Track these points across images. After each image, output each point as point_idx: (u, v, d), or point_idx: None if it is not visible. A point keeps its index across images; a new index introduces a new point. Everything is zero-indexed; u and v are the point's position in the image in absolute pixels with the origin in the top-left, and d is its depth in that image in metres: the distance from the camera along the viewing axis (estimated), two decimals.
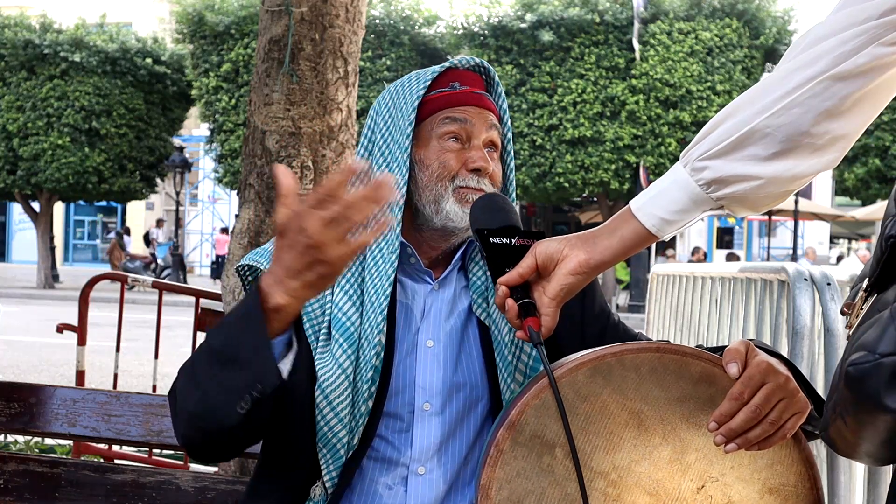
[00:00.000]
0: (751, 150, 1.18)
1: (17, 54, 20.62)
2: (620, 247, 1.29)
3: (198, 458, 1.45)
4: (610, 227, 1.32)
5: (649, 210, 1.28)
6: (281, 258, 1.26)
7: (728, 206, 1.25)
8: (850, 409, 0.93)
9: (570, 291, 1.32)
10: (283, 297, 1.27)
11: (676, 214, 1.26)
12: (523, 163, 18.85)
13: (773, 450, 1.28)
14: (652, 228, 1.28)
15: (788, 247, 26.08)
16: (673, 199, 1.26)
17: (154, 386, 4.59)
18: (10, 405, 2.01)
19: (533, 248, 1.34)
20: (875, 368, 0.88)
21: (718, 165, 1.20)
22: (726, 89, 18.24)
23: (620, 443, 1.27)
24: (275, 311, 1.27)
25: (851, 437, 0.95)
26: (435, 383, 1.51)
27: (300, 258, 1.23)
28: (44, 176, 20.65)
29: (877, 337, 0.90)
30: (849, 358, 0.92)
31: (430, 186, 1.51)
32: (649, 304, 5.52)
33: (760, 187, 1.20)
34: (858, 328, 0.98)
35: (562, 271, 1.30)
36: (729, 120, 1.20)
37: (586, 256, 1.29)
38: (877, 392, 0.88)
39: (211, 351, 1.33)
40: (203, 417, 1.32)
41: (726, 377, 1.25)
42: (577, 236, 1.33)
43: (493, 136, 1.56)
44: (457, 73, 1.57)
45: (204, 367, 1.33)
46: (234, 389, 1.28)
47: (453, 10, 20.02)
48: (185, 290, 4.54)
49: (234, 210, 28.02)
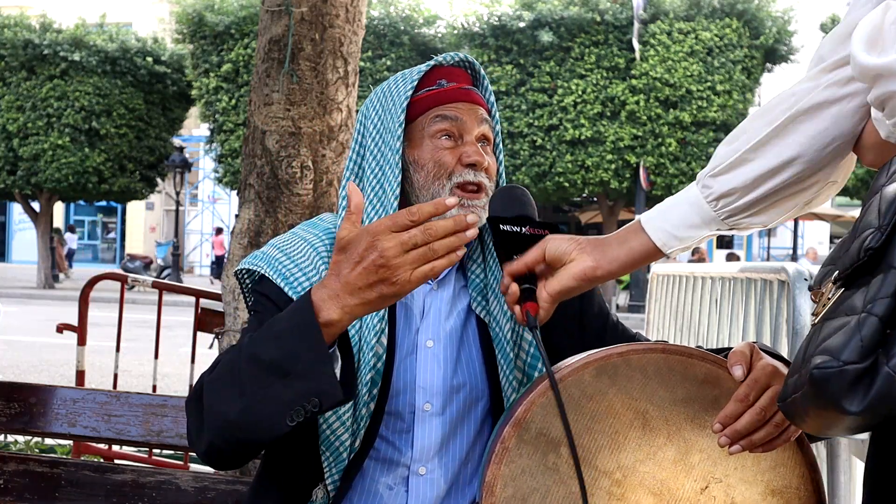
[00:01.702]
0: (754, 163, 1.23)
1: (17, 54, 20.62)
2: (628, 259, 1.31)
3: (218, 465, 1.40)
4: (620, 237, 1.33)
5: (658, 224, 1.30)
6: (340, 272, 1.24)
7: (738, 223, 1.28)
8: (812, 404, 0.99)
9: (569, 293, 1.34)
10: (337, 313, 1.25)
11: (685, 230, 1.29)
12: (523, 163, 18.86)
13: (777, 452, 1.29)
14: (658, 242, 1.30)
15: (788, 247, 26.10)
16: (683, 214, 1.29)
17: (154, 386, 4.59)
18: (10, 405, 2.01)
19: (544, 240, 1.35)
20: (838, 374, 0.94)
21: (725, 180, 1.24)
22: (726, 89, 18.25)
23: (625, 442, 1.27)
24: (326, 326, 1.25)
25: (812, 422, 1.03)
26: (435, 383, 1.51)
27: (366, 276, 1.22)
28: (44, 176, 20.65)
29: (842, 344, 0.95)
30: (814, 359, 0.98)
31: (428, 186, 1.51)
32: (649, 304, 5.52)
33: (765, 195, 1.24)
34: (824, 322, 1.02)
35: (566, 273, 1.32)
36: (736, 139, 1.25)
37: (594, 264, 1.31)
38: (838, 396, 0.94)
39: (259, 361, 1.28)
40: (245, 428, 1.28)
41: (731, 379, 1.26)
42: (589, 241, 1.34)
43: (485, 130, 1.55)
44: (443, 70, 1.57)
45: (251, 377, 1.28)
46: (287, 402, 1.25)
47: (453, 10, 20.04)
48: (185, 290, 4.53)
49: (234, 210, 28.04)
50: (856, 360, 0.93)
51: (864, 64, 0.96)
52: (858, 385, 0.93)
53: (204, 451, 1.36)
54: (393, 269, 1.21)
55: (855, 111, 1.16)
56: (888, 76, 0.93)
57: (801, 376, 1.01)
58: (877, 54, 0.95)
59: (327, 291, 1.26)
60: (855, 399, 0.93)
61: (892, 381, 0.91)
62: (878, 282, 0.96)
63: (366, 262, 1.22)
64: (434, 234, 1.21)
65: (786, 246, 27.96)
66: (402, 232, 1.21)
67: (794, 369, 1.05)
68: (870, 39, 0.96)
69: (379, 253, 1.21)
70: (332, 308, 1.25)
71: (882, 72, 0.94)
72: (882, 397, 0.92)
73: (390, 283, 1.22)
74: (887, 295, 0.94)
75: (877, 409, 0.93)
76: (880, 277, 0.96)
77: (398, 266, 1.21)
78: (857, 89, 1.14)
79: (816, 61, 1.19)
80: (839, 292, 1.04)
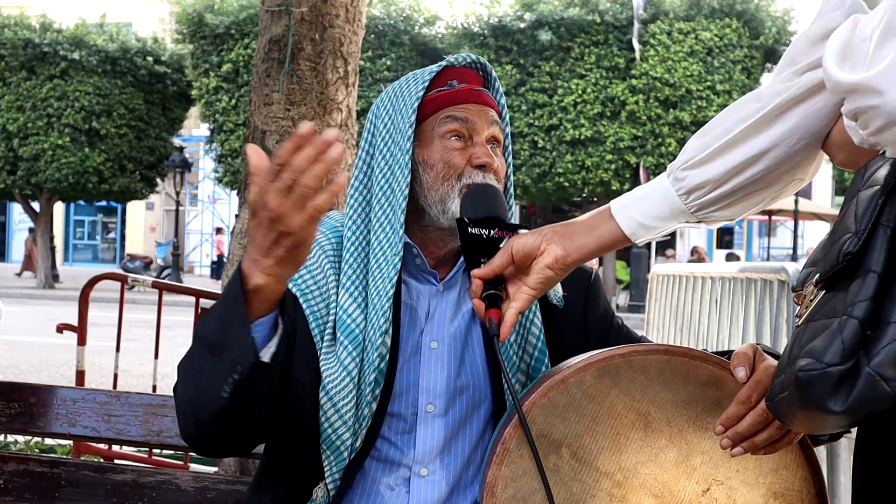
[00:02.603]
0: (726, 158, 1.26)
1: (17, 54, 20.61)
2: (596, 246, 1.35)
3: (199, 450, 1.46)
4: (588, 224, 1.36)
5: (628, 213, 1.33)
6: (254, 238, 1.27)
7: (706, 217, 1.30)
8: (797, 405, 1.03)
9: (549, 283, 1.36)
10: (261, 277, 1.28)
11: (654, 221, 1.32)
12: (523, 163, 18.85)
13: (779, 454, 1.28)
14: (627, 231, 1.33)
15: (788, 247, 26.09)
16: (653, 205, 1.31)
17: (154, 386, 4.59)
18: (10, 405, 2.00)
19: (509, 242, 1.36)
20: (821, 376, 0.97)
21: (695, 174, 1.27)
22: (726, 89, 18.25)
23: (627, 444, 1.27)
24: (255, 292, 1.29)
25: (799, 422, 1.07)
26: (438, 385, 1.50)
27: (267, 234, 1.24)
28: (44, 176, 20.65)
29: (824, 346, 0.99)
30: (798, 361, 1.01)
31: (436, 187, 1.51)
32: (649, 304, 5.52)
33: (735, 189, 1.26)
34: (808, 324, 1.06)
35: (539, 265, 1.34)
36: (708, 133, 1.28)
37: (563, 253, 1.34)
38: (822, 397, 0.98)
39: (199, 338, 1.36)
40: (193, 405, 1.35)
41: (733, 381, 1.26)
42: (554, 230, 1.36)
43: (495, 132, 1.55)
44: (454, 70, 1.57)
45: (194, 356, 1.36)
46: (220, 374, 1.30)
47: (453, 10, 20.04)
48: (185, 290, 4.53)
49: (234, 210, 28.04)
50: (838, 362, 0.97)
51: (836, 80, 0.99)
52: (841, 386, 0.97)
53: (185, 438, 1.42)
54: (282, 220, 1.21)
55: (825, 111, 1.19)
56: (860, 92, 0.96)
57: (787, 377, 1.04)
58: (849, 70, 0.97)
59: (249, 258, 1.29)
60: (839, 399, 0.97)
61: (874, 381, 0.95)
62: (857, 285, 1.00)
63: (263, 221, 1.23)
64: (298, 169, 1.19)
65: (786, 246, 27.95)
66: (277, 180, 1.20)
67: (779, 370, 1.08)
68: (841, 54, 0.99)
69: (267, 208, 1.21)
70: (255, 273, 1.28)
71: (854, 88, 0.97)
72: (864, 397, 0.95)
73: (286, 233, 1.23)
74: (866, 298, 0.98)
75: (859, 408, 0.96)
76: (859, 281, 1.00)
77: (284, 214, 1.21)
78: (827, 92, 1.16)
79: (789, 62, 1.23)
80: (821, 294, 1.08)
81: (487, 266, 1.36)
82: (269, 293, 1.30)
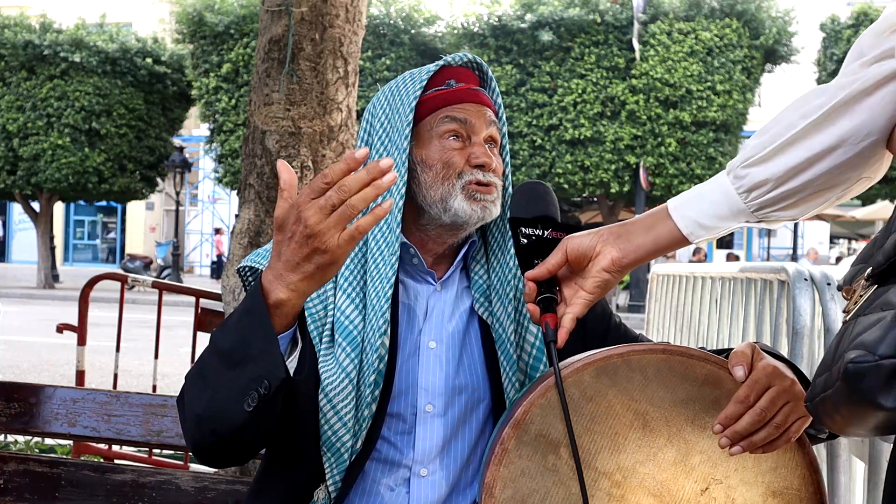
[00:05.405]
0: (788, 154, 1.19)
1: (17, 54, 20.60)
2: (654, 247, 1.29)
3: (209, 462, 1.42)
4: (645, 224, 1.30)
5: (685, 212, 1.27)
6: (280, 252, 1.25)
7: (767, 216, 1.24)
8: (844, 401, 0.98)
9: (606, 287, 1.31)
10: (284, 292, 1.26)
11: (713, 220, 1.26)
12: (523, 163, 18.84)
13: (778, 453, 1.28)
14: (685, 230, 1.27)
15: (788, 247, 26.09)
16: (712, 204, 1.25)
17: (154, 386, 4.58)
18: (10, 405, 2.01)
19: (563, 242, 1.32)
20: (874, 369, 0.93)
21: (756, 171, 1.21)
22: (726, 89, 18.25)
23: (625, 443, 1.27)
24: (276, 307, 1.27)
25: (842, 421, 1.02)
26: (437, 385, 1.50)
27: (299, 249, 1.23)
28: (44, 176, 20.64)
29: (878, 338, 0.94)
30: (847, 354, 0.96)
31: (436, 186, 1.50)
32: (649, 304, 5.52)
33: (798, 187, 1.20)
34: (857, 319, 1.01)
35: (595, 268, 1.29)
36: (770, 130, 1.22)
37: (620, 254, 1.29)
38: (873, 391, 0.93)
39: (218, 351, 1.32)
40: (211, 419, 1.31)
41: (732, 380, 1.26)
42: (610, 231, 1.31)
43: (493, 132, 1.55)
44: (451, 70, 1.56)
45: (212, 368, 1.32)
46: (242, 387, 1.27)
47: (453, 10, 20.03)
48: (185, 290, 4.53)
49: (234, 210, 28.04)
50: (892, 355, 0.92)
51: None
52: (894, 380, 0.92)
53: (192, 448, 1.38)
54: (319, 237, 1.21)
55: (892, 106, 1.13)
56: None
57: (833, 373, 0.99)
58: None
59: (273, 273, 1.27)
60: (891, 394, 0.92)
61: None
62: None
63: (296, 237, 1.22)
64: (348, 190, 1.18)
65: (786, 246, 27.95)
66: (320, 197, 1.20)
67: (823, 368, 1.03)
68: None
69: (304, 224, 1.21)
70: (278, 288, 1.26)
71: None
72: None
73: (321, 251, 1.22)
74: None
75: None
76: None
77: (323, 232, 1.20)
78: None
79: (856, 56, 1.17)
80: (872, 289, 1.04)
81: (541, 266, 1.32)
82: (290, 308, 1.28)
